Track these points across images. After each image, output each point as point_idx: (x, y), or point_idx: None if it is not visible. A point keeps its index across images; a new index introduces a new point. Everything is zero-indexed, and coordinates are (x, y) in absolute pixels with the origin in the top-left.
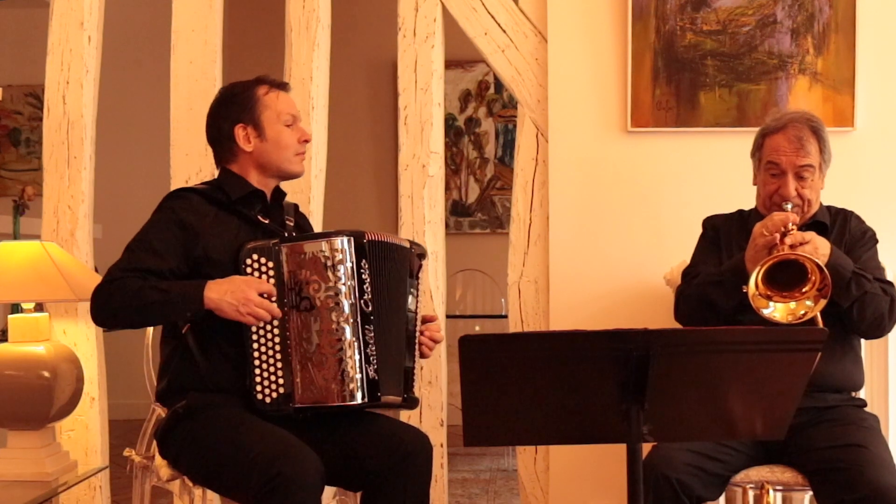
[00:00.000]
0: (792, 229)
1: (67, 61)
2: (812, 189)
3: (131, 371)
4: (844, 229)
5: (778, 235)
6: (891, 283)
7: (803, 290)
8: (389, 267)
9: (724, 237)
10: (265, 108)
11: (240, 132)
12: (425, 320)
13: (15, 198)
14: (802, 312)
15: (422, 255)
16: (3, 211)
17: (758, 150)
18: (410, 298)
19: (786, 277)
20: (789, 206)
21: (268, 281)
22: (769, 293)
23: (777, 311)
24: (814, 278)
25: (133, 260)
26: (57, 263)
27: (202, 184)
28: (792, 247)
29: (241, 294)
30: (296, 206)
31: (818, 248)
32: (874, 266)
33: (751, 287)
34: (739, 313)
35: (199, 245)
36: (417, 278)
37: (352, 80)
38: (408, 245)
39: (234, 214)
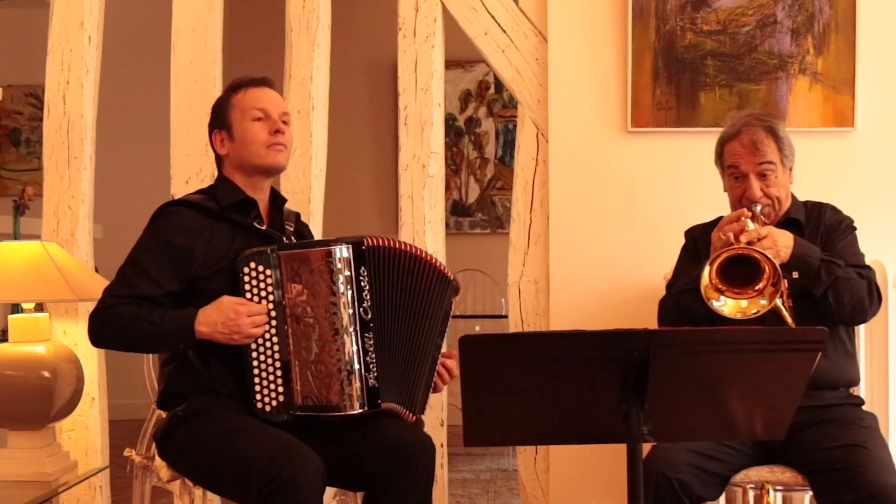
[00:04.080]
0: (746, 225)
1: (67, 61)
2: (778, 186)
3: (131, 371)
4: (819, 222)
5: (732, 235)
6: (868, 268)
7: (757, 286)
8: (392, 273)
9: (703, 246)
10: (233, 108)
11: (216, 139)
12: (445, 356)
13: (15, 198)
14: (754, 311)
15: (455, 290)
16: (3, 211)
17: (718, 157)
18: (437, 323)
19: (743, 274)
20: (759, 208)
21: (265, 289)
22: (722, 287)
23: (727, 305)
24: (767, 270)
25: (127, 285)
26: (57, 263)
27: (197, 192)
28: (749, 243)
29: (231, 323)
30: (297, 215)
31: (777, 241)
32: (852, 253)
33: (703, 278)
34: (718, 321)
35: (193, 263)
36: (449, 306)
37: (352, 80)
38: (436, 264)
39: (227, 222)
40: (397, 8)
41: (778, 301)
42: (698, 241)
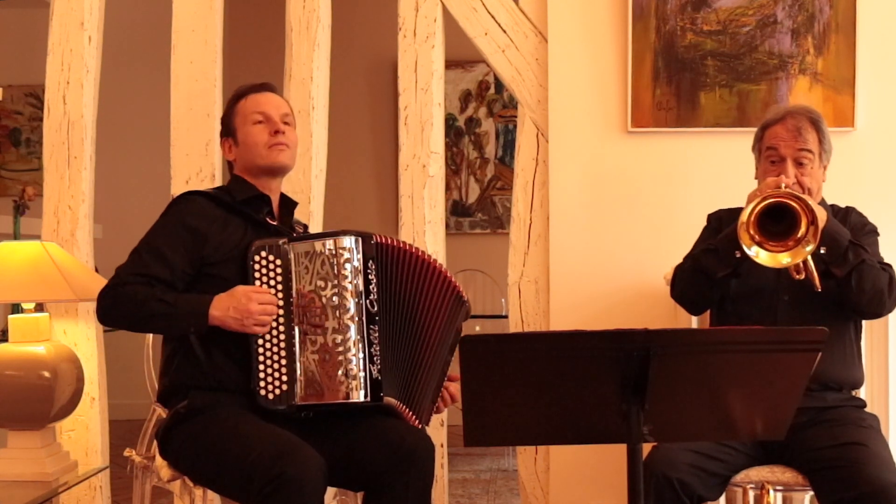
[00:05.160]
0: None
1: (67, 61)
2: (812, 178)
3: (131, 371)
4: (845, 222)
5: (770, 192)
6: (889, 265)
7: (797, 234)
8: (401, 272)
9: (725, 227)
10: (236, 115)
11: (224, 146)
12: (450, 378)
13: (15, 198)
14: (801, 261)
15: (467, 313)
16: (3, 211)
17: (758, 141)
18: (447, 337)
19: (778, 231)
20: None
21: (275, 277)
22: (759, 239)
23: (761, 257)
24: (801, 213)
25: (141, 264)
26: (57, 263)
27: (212, 189)
28: None
29: (243, 309)
30: (305, 226)
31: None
32: (874, 253)
33: (743, 216)
34: (737, 285)
35: (206, 247)
36: (460, 326)
37: (352, 80)
38: (449, 277)
39: (241, 216)
40: (397, 8)
41: (810, 259)
42: (722, 220)
